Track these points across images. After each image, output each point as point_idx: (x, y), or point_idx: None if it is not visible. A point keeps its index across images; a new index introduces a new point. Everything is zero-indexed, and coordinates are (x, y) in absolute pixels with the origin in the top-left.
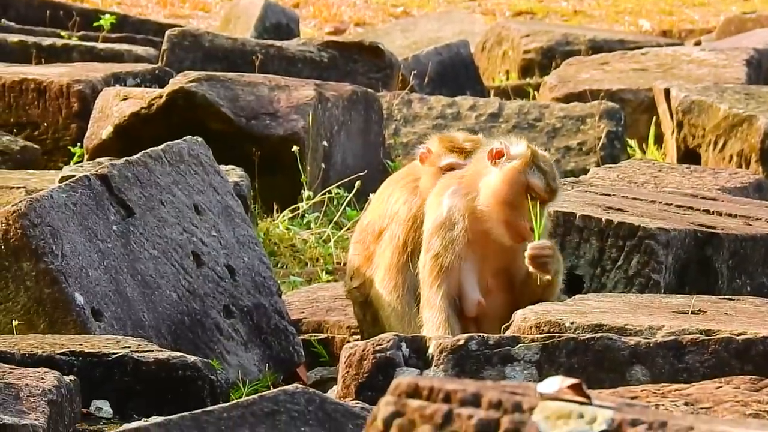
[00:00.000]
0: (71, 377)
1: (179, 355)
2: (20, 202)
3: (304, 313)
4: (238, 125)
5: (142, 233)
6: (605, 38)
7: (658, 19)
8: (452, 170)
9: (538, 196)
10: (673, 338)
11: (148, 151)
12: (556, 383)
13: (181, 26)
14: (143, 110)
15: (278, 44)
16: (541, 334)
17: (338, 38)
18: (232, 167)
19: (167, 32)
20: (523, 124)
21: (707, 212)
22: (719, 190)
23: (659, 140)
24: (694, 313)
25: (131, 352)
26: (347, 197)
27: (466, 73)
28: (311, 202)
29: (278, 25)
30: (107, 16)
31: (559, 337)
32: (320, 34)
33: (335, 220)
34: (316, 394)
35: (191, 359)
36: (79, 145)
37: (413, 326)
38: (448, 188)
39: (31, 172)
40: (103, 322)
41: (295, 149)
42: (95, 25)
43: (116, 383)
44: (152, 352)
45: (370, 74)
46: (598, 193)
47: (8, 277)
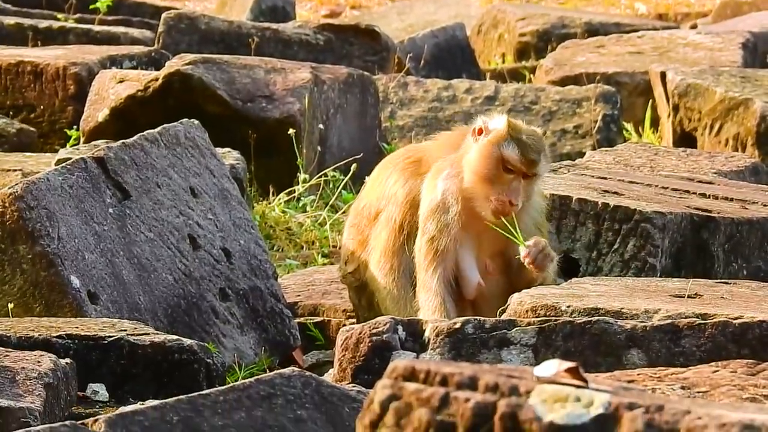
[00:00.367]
0: (67, 360)
1: (175, 338)
2: (16, 184)
3: (300, 296)
4: (234, 108)
5: (138, 216)
6: (601, 21)
7: (654, 2)
8: None
9: (514, 168)
10: (669, 322)
11: (144, 133)
12: (552, 367)
13: (177, 9)
14: (139, 93)
15: (274, 27)
16: (537, 317)
17: (334, 21)
18: (228, 150)
19: (163, 15)
20: (519, 107)
21: (703, 196)
22: (715, 173)
23: (655, 123)
24: (690, 296)
25: (127, 335)
26: (343, 180)
27: (462, 56)
28: (307, 185)
29: (274, 7)
30: None
31: (555, 320)
32: (316, 16)
33: (331, 203)
34: (312, 377)
35: (187, 342)
36: (75, 127)
37: (409, 310)
38: (442, 171)
39: (27, 154)
40: (99, 305)
41: (291, 132)
42: (92, 7)
43: (112, 366)
44: (148, 335)
45: (366, 57)
46: (594, 176)
47: (4, 260)
